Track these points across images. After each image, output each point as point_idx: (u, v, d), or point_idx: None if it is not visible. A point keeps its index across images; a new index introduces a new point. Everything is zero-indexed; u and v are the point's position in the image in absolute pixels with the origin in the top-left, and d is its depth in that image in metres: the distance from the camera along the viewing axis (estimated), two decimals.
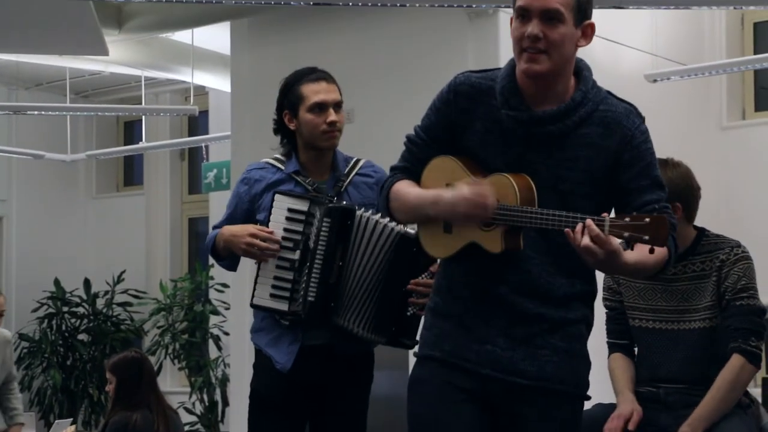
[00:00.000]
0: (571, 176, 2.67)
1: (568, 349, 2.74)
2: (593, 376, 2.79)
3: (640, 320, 3.76)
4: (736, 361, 3.57)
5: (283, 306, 3.51)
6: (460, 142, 2.75)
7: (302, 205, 3.53)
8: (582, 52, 2.79)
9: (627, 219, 2.47)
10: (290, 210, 3.52)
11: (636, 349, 3.84)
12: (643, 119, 2.76)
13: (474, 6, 6.17)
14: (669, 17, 7.58)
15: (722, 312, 3.62)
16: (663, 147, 6.57)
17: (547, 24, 2.62)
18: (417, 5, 6.07)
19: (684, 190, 3.65)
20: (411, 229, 3.41)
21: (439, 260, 2.96)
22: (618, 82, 7.10)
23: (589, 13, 2.68)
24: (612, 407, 3.74)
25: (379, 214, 3.41)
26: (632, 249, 2.64)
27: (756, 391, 6.62)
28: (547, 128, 2.67)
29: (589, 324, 2.81)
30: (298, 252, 3.50)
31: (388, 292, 3.49)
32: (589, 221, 2.50)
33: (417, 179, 2.81)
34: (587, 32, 2.69)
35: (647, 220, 2.45)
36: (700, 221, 3.78)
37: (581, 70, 2.75)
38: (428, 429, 2.76)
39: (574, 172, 2.67)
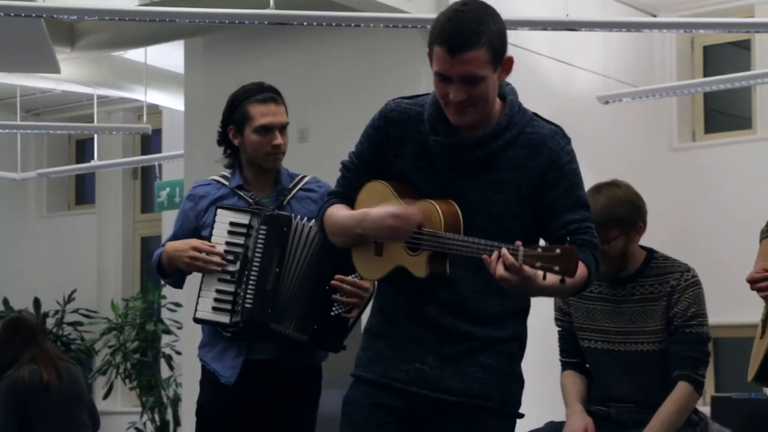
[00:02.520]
0: (501, 198, 2.71)
1: (497, 367, 2.76)
2: (545, 395, 2.80)
3: (588, 341, 3.79)
4: (683, 389, 3.61)
5: (225, 318, 3.51)
6: (392, 167, 2.80)
7: (243, 219, 3.54)
8: (536, 74, 2.82)
9: (539, 249, 2.50)
10: (232, 224, 3.54)
11: (588, 367, 3.87)
12: (569, 140, 2.80)
13: (428, 26, 6.19)
14: (621, 40, 7.67)
15: (670, 337, 3.66)
16: (614, 167, 6.66)
17: (469, 85, 2.65)
18: (371, 25, 6.10)
19: (641, 209, 3.69)
20: None
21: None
22: (571, 104, 7.24)
23: (505, 50, 2.69)
24: (563, 425, 3.76)
25: None
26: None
27: (706, 410, 6.69)
28: (475, 153, 2.71)
29: (521, 342, 2.83)
30: (238, 263, 3.51)
31: (314, 291, 3.52)
32: (503, 251, 2.52)
33: (352, 204, 2.85)
34: (507, 68, 2.72)
35: (558, 251, 2.48)
36: (650, 242, 3.81)
37: (507, 95, 2.77)
38: None
39: (503, 194, 2.71)
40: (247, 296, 3.48)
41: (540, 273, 2.52)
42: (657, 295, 3.68)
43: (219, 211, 3.55)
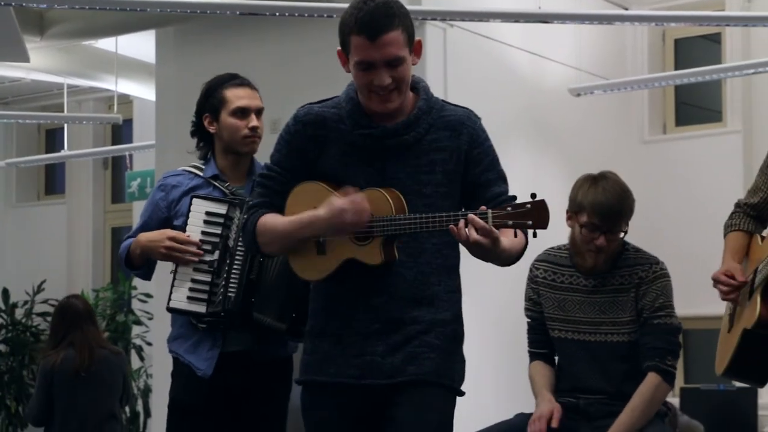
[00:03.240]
0: (432, 179, 2.82)
1: (443, 347, 2.84)
2: (517, 386, 2.81)
3: (559, 331, 3.80)
4: (652, 379, 3.63)
5: (201, 308, 3.50)
6: (316, 169, 2.86)
7: (220, 208, 3.54)
8: (508, 66, 2.85)
9: (509, 208, 2.60)
10: (208, 213, 3.53)
11: (557, 359, 3.89)
12: (480, 119, 2.93)
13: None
14: (593, 32, 7.69)
15: (640, 328, 3.68)
16: (586, 159, 6.68)
17: (392, 68, 2.75)
18: None
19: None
20: None
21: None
22: (543, 96, 7.25)
23: (414, 32, 2.80)
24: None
25: None
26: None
27: (675, 401, 6.74)
28: (402, 138, 2.81)
29: (461, 323, 2.93)
30: (216, 253, 3.50)
31: (292, 280, 3.51)
32: (471, 216, 2.62)
33: (282, 212, 2.87)
34: (418, 51, 2.83)
35: (528, 206, 2.58)
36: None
37: (418, 83, 2.89)
38: None
39: (433, 175, 2.82)
40: (230, 286, 3.47)
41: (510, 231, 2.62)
42: (627, 286, 3.71)
43: (194, 200, 3.55)
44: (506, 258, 2.77)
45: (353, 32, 2.73)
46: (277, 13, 6.06)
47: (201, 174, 3.65)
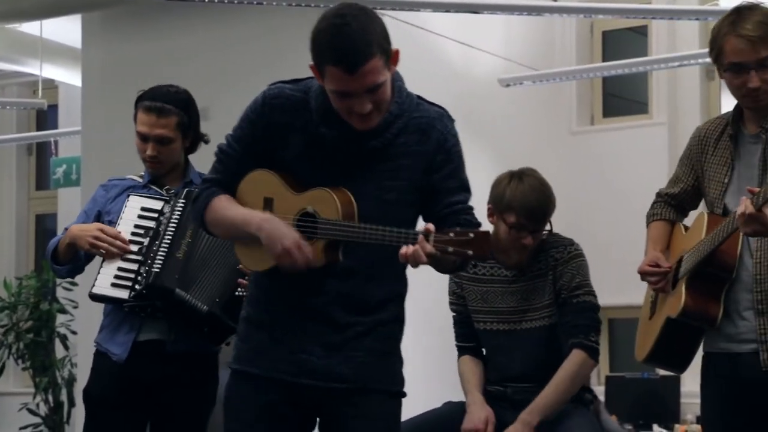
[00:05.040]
0: (396, 185, 2.72)
1: (382, 349, 2.80)
2: (443, 376, 2.82)
3: (484, 323, 3.83)
4: (576, 356, 3.66)
5: (123, 294, 3.50)
6: (276, 155, 2.75)
7: (156, 204, 3.59)
8: (438, 56, 2.83)
9: (451, 234, 2.52)
10: (143, 209, 3.56)
11: (484, 351, 3.91)
12: (453, 122, 2.83)
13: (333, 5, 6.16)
14: (522, 23, 7.74)
15: (559, 309, 3.72)
16: (515, 149, 6.72)
17: (373, 94, 2.62)
18: (274, 3, 6.04)
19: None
20: None
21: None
22: (473, 86, 7.28)
23: (391, 46, 2.66)
24: (462, 405, 3.79)
25: None
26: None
27: (600, 389, 6.83)
28: (370, 143, 2.71)
29: (401, 323, 2.87)
30: (147, 240, 3.50)
31: (222, 266, 3.53)
32: (422, 239, 2.51)
33: (232, 192, 2.79)
34: (395, 61, 2.70)
35: (471, 235, 2.50)
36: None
37: (393, 82, 2.74)
38: None
39: (397, 181, 2.73)
40: (156, 261, 3.48)
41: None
42: (544, 270, 3.74)
43: (131, 197, 3.59)
44: (447, 268, 2.72)
45: (329, 63, 2.56)
46: (207, 0, 6.00)
47: (140, 180, 3.71)
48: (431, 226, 2.54)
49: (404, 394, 2.87)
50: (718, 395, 3.15)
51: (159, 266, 3.48)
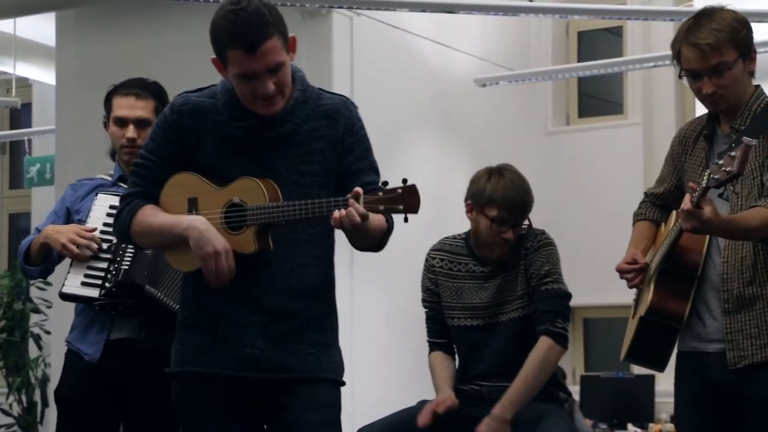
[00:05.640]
0: (309, 169, 2.82)
1: (324, 341, 2.86)
2: (419, 375, 2.81)
3: (458, 319, 3.83)
4: (544, 342, 3.67)
5: (94, 293, 3.50)
6: (192, 159, 2.83)
7: None
8: (415, 56, 2.84)
9: (380, 193, 2.62)
10: (112, 207, 3.52)
11: (455, 348, 3.92)
12: (356, 107, 2.93)
13: (307, 5, 6.16)
14: (498, 24, 7.75)
15: (530, 297, 3.73)
16: (491, 149, 6.73)
17: (274, 75, 2.73)
18: None
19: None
20: None
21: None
22: (449, 86, 7.29)
23: (287, 31, 2.77)
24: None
25: None
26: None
27: (575, 389, 6.86)
28: (279, 129, 2.80)
29: (336, 313, 2.93)
30: (115, 239, 3.49)
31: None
32: (352, 202, 2.62)
33: (155, 201, 2.85)
34: (293, 48, 2.81)
35: (399, 191, 2.61)
36: None
37: (295, 73, 2.86)
38: None
39: (312, 165, 2.82)
40: (125, 259, 3.47)
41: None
42: (515, 261, 3.76)
43: (99, 195, 3.59)
44: (374, 239, 2.79)
45: (229, 47, 2.70)
46: None
47: (110, 178, 3.72)
48: (359, 189, 2.65)
49: (344, 383, 2.93)
50: (690, 394, 3.17)
51: (128, 263, 3.48)
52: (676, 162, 3.29)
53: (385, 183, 2.71)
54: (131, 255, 3.48)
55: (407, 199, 2.60)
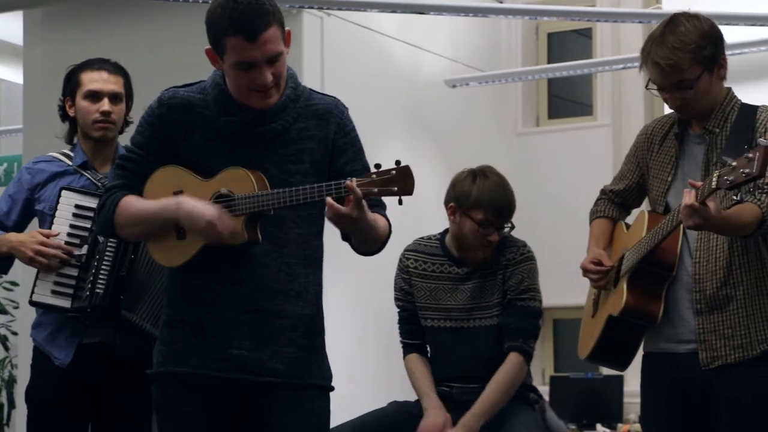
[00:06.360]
0: (299, 169, 2.78)
1: (311, 345, 2.81)
2: (390, 376, 2.81)
3: (432, 320, 3.84)
4: (514, 359, 3.70)
5: (66, 303, 3.43)
6: (179, 154, 2.79)
7: (91, 202, 3.48)
8: (385, 57, 2.84)
9: (373, 176, 2.56)
10: (78, 207, 3.47)
11: (429, 348, 3.92)
12: (347, 109, 2.90)
13: (287, 6, 6.14)
14: (468, 25, 7.76)
15: (504, 310, 3.74)
16: (462, 150, 6.73)
17: (273, 65, 2.70)
18: None
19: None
20: None
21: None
22: (419, 87, 7.29)
23: (283, 20, 2.75)
24: (407, 405, 3.79)
25: None
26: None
27: (544, 389, 6.87)
28: (270, 126, 2.76)
29: (323, 317, 2.89)
30: (85, 248, 3.42)
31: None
32: (349, 184, 2.56)
33: (138, 193, 2.81)
34: (289, 41, 2.78)
35: (393, 172, 2.56)
36: None
37: (286, 71, 2.83)
38: None
39: (300, 165, 2.78)
40: (99, 282, 3.40)
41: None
42: (494, 269, 3.77)
43: (64, 193, 3.48)
44: (374, 236, 2.75)
45: (228, 34, 2.66)
46: None
47: (70, 162, 3.59)
48: (351, 179, 2.58)
49: (332, 388, 2.89)
50: (657, 395, 3.18)
51: (102, 286, 3.41)
52: (639, 159, 3.30)
53: (378, 165, 2.67)
54: (105, 276, 3.40)
55: (402, 180, 2.54)
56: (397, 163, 2.60)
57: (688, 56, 2.98)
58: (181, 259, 2.76)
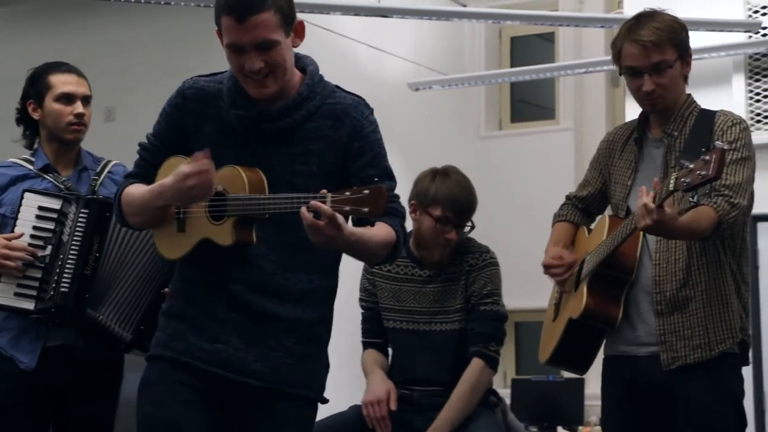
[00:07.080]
0: (305, 170, 2.68)
1: (305, 353, 2.72)
2: (350, 379, 2.80)
3: (394, 321, 3.84)
4: (477, 364, 3.71)
5: (29, 305, 3.40)
6: (190, 145, 2.72)
7: (54, 204, 3.45)
8: (348, 59, 2.82)
9: (348, 193, 2.46)
10: (41, 208, 3.43)
11: (391, 350, 3.93)
12: (371, 110, 2.80)
13: None
14: (432, 28, 7.78)
15: (468, 315, 3.75)
16: (425, 153, 6.74)
17: (264, 52, 2.61)
18: (182, 4, 5.98)
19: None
20: None
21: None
22: (382, 90, 7.29)
23: (294, 14, 2.68)
24: None
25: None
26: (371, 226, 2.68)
27: (505, 392, 6.90)
28: (277, 124, 2.68)
29: (328, 325, 2.79)
30: (48, 248, 3.40)
31: (146, 289, 3.45)
32: (313, 202, 2.46)
33: (150, 182, 2.76)
34: (299, 33, 2.70)
35: (366, 191, 2.44)
36: None
37: (307, 66, 2.76)
38: (156, 429, 2.68)
39: (308, 166, 2.68)
40: (63, 281, 3.37)
41: (351, 227, 2.51)
42: (457, 274, 3.78)
43: (26, 194, 3.45)
44: (359, 251, 2.63)
45: (222, 13, 2.59)
46: None
47: (31, 167, 3.55)
48: (325, 190, 2.47)
49: (324, 400, 2.81)
50: (618, 398, 3.20)
51: (67, 285, 3.37)
52: (602, 166, 3.33)
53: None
54: (69, 275, 3.37)
55: (373, 201, 2.43)
56: (375, 181, 2.54)
57: (668, 36, 3.06)
58: (180, 252, 2.72)
